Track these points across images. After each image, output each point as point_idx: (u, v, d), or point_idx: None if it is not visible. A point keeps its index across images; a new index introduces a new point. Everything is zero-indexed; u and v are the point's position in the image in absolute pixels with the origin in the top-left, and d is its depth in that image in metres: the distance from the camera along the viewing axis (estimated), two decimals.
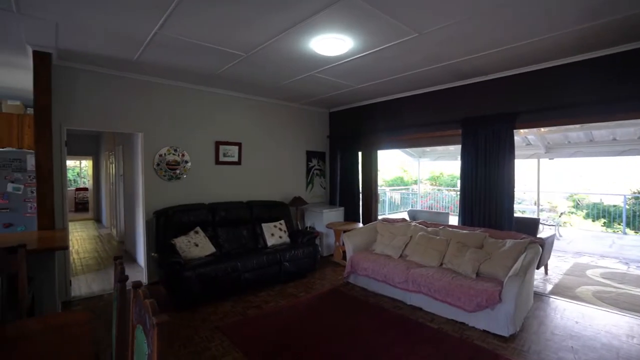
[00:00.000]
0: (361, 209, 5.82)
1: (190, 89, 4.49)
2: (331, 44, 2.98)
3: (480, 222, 4.07)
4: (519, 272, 2.90)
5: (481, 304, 2.93)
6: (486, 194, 4.01)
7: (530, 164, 8.37)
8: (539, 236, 4.34)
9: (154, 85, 4.18)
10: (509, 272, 3.04)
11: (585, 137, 7.02)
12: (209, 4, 2.35)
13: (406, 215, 6.33)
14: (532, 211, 8.98)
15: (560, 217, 8.43)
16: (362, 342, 2.80)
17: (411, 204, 11.25)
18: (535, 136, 7.10)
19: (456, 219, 4.49)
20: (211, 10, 2.43)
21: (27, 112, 4.80)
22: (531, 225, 4.65)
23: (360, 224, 5.49)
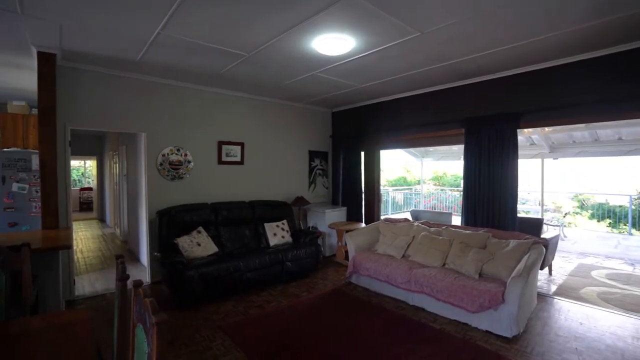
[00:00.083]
0: (364, 209, 5.81)
1: (192, 89, 4.50)
2: (333, 43, 2.98)
3: (483, 223, 4.04)
4: (522, 272, 2.88)
5: (484, 305, 2.91)
6: (489, 194, 3.99)
7: (534, 163, 8.30)
8: (542, 236, 4.30)
9: (156, 85, 4.20)
10: (512, 273, 3.03)
11: (590, 136, 6.96)
12: (211, 3, 2.35)
13: (409, 215, 6.30)
14: (536, 211, 8.90)
15: (564, 217, 8.35)
16: (364, 342, 2.79)
17: (414, 204, 11.21)
18: (539, 136, 7.05)
19: (459, 219, 4.47)
20: (213, 10, 2.44)
21: (32, 113, 4.84)
22: (535, 225, 4.61)
23: (362, 224, 5.48)
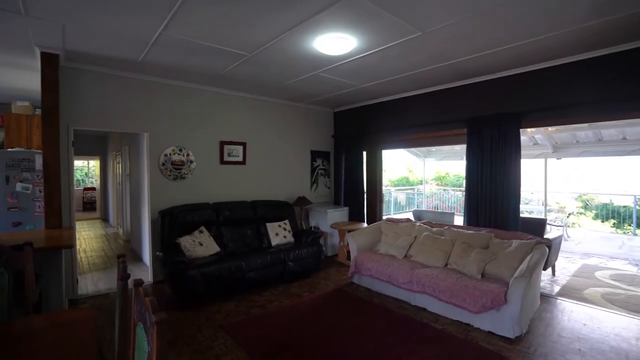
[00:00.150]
0: (366, 209, 5.81)
1: (194, 89, 4.52)
2: (335, 43, 2.97)
3: (485, 223, 4.03)
4: (525, 273, 2.87)
5: (486, 305, 2.90)
6: (492, 194, 3.97)
7: (537, 163, 8.26)
8: (545, 237, 4.28)
9: (158, 85, 4.21)
10: (515, 273, 3.01)
11: (594, 136, 6.91)
12: (212, 3, 2.35)
13: (411, 215, 6.29)
14: (539, 212, 8.85)
15: (568, 217, 8.30)
16: (366, 343, 2.79)
17: (417, 204, 11.18)
18: (542, 135, 7.01)
19: (462, 220, 4.45)
20: (214, 10, 2.44)
21: (36, 113, 4.87)
22: (538, 225, 4.59)
23: (364, 224, 5.47)
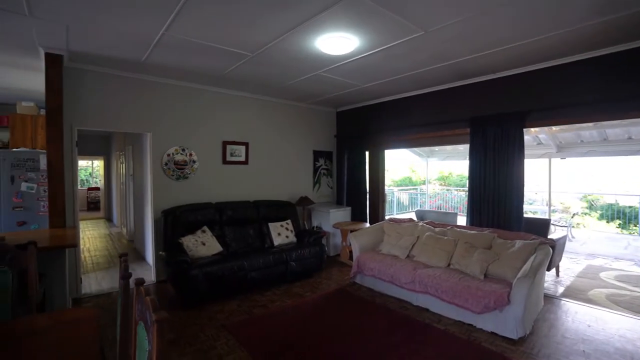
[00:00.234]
0: (368, 209, 5.79)
1: (197, 89, 4.53)
2: (337, 42, 2.97)
3: (488, 223, 4.00)
4: (529, 273, 2.84)
5: (489, 306, 2.88)
6: (495, 194, 3.95)
7: (541, 163, 8.20)
8: (549, 237, 4.24)
9: (162, 85, 4.23)
10: (518, 274, 2.99)
11: (598, 135, 6.85)
12: (214, 3, 2.36)
13: (414, 215, 6.27)
14: (543, 212, 8.79)
15: (572, 218, 8.23)
16: (368, 343, 2.78)
17: (420, 204, 11.14)
18: (546, 135, 6.96)
19: (465, 220, 4.43)
20: (216, 10, 2.45)
21: (41, 113, 4.91)
22: (542, 226, 4.55)
23: (367, 224, 5.46)
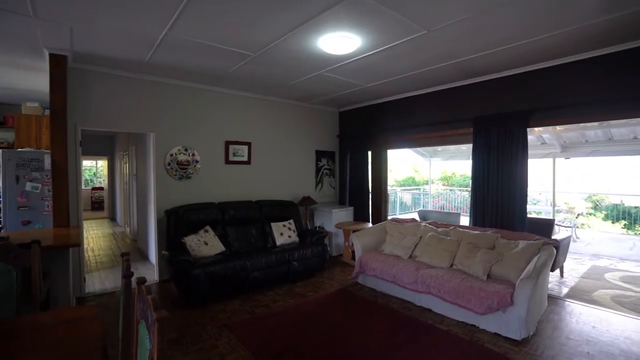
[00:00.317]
0: (371, 209, 5.78)
1: (200, 89, 4.54)
2: (339, 42, 2.96)
3: (492, 223, 3.98)
4: (532, 274, 2.82)
5: (492, 306, 2.86)
6: (498, 194, 3.92)
7: (545, 163, 8.14)
8: (553, 237, 4.21)
9: (164, 85, 4.25)
10: (522, 274, 2.96)
11: (603, 135, 6.78)
12: (215, 3, 2.36)
13: (416, 215, 6.25)
14: (547, 212, 8.72)
15: (577, 218, 8.16)
16: (370, 343, 2.77)
17: (423, 205, 11.11)
18: (550, 135, 6.91)
19: (468, 220, 4.41)
20: (218, 10, 2.45)
21: (45, 114, 4.95)
22: (545, 226, 4.52)
23: (369, 224, 5.45)
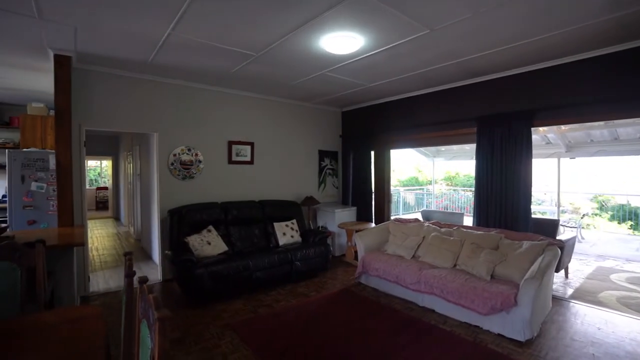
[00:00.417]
0: (373, 209, 5.77)
1: (203, 89, 4.56)
2: (342, 42, 2.96)
3: (495, 223, 3.96)
4: (536, 274, 2.80)
5: (496, 307, 2.84)
6: (502, 194, 3.90)
7: (550, 163, 8.07)
8: (558, 238, 4.17)
9: (167, 86, 4.27)
10: (526, 275, 2.94)
11: (609, 135, 6.72)
12: (218, 3, 2.37)
13: (420, 215, 6.22)
14: (552, 212, 8.65)
15: (582, 218, 8.08)
16: (373, 343, 2.76)
17: (426, 205, 11.07)
18: (555, 134, 6.85)
19: (471, 220, 4.38)
20: (220, 10, 2.46)
21: (50, 114, 4.99)
22: (550, 226, 4.47)
23: (372, 224, 5.44)
